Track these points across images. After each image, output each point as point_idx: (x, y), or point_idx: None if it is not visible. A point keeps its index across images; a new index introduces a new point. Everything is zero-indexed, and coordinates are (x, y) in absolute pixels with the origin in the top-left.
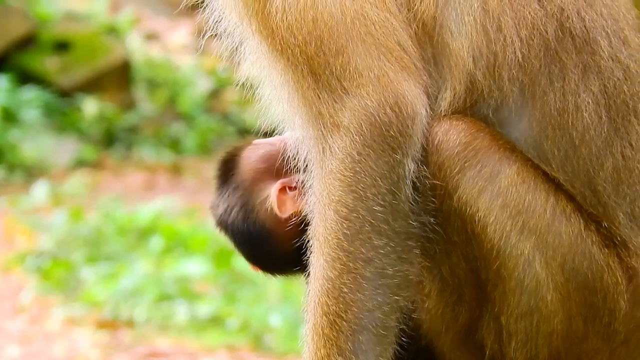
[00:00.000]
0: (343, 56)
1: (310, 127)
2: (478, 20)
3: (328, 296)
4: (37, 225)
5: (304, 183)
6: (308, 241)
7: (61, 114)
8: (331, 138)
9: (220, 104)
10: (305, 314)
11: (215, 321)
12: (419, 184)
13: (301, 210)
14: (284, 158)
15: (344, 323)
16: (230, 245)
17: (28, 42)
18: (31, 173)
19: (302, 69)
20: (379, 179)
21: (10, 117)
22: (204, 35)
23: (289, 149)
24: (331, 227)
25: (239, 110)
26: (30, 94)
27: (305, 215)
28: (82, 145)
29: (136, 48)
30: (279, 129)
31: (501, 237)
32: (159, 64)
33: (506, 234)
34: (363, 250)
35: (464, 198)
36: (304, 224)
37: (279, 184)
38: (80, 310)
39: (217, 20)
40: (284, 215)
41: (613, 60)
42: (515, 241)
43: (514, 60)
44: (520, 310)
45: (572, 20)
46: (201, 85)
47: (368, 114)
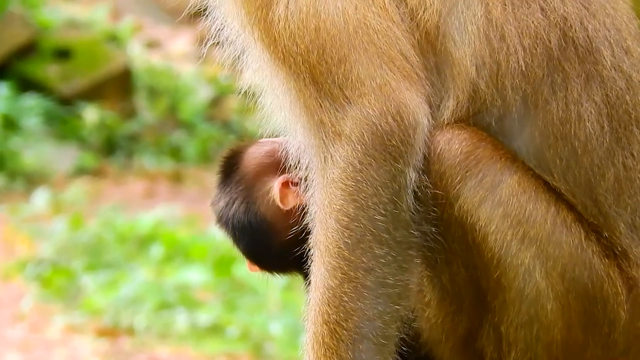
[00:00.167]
0: (345, 65)
1: (312, 136)
2: (481, 29)
3: (329, 305)
4: (38, 233)
5: (306, 179)
6: (308, 248)
7: (62, 122)
8: (333, 147)
9: (221, 112)
10: (305, 323)
11: (215, 329)
12: (420, 194)
13: (302, 204)
14: (287, 156)
15: (345, 332)
16: (230, 251)
17: (29, 50)
18: (32, 181)
19: (304, 78)
20: (380, 188)
21: (11, 125)
22: (206, 43)
23: (290, 150)
24: (332, 236)
25: (240, 118)
26: (31, 102)
27: (306, 210)
28: (83, 153)
29: (137, 56)
30: (281, 134)
31: (502, 247)
32: (160, 72)
33: (507, 243)
34: (364, 259)
35: (465, 207)
36: (304, 219)
37: (282, 177)
38: (81, 318)
39: (220, 29)
40: (286, 207)
41: (615, 70)
42: (516, 251)
43: (517, 70)
44: (520, 320)
45: (575, 30)
46: (202, 94)
47: (370, 123)
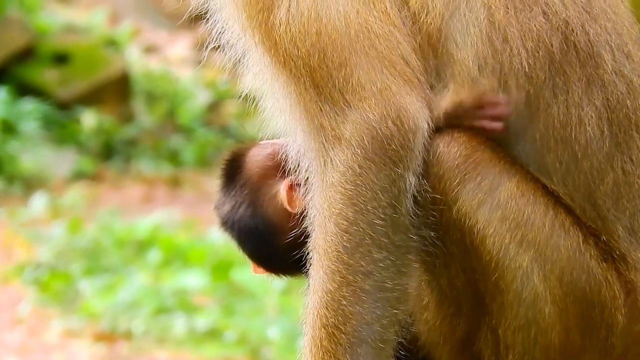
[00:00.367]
0: (346, 69)
1: (312, 140)
2: (484, 31)
3: (327, 308)
4: (36, 237)
5: (306, 182)
6: (308, 253)
7: (60, 126)
8: (332, 151)
9: (219, 116)
10: (303, 326)
11: (213, 334)
12: (419, 198)
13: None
14: (288, 158)
15: (343, 336)
16: (228, 256)
17: (27, 54)
18: (30, 185)
19: (305, 81)
20: (379, 193)
21: (9, 129)
22: (207, 46)
23: (290, 153)
24: (331, 240)
25: (238, 123)
26: (29, 106)
27: (307, 213)
28: (81, 158)
29: (135, 60)
30: (282, 136)
31: (500, 250)
32: (158, 77)
33: (505, 246)
34: (363, 263)
35: (464, 210)
36: (306, 220)
37: (288, 180)
38: (79, 322)
39: (220, 32)
40: (294, 210)
41: (616, 74)
42: (514, 254)
43: (520, 71)
44: (518, 323)
45: (577, 34)
46: (200, 98)
47: (370, 127)
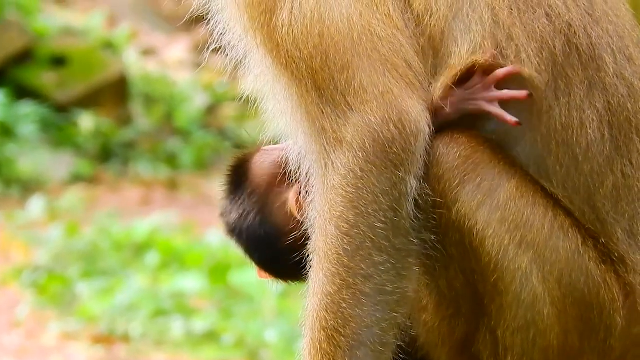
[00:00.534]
0: (348, 71)
1: (313, 142)
2: (487, 30)
3: (327, 311)
4: (33, 240)
5: (308, 188)
6: (309, 255)
7: (58, 129)
8: (334, 154)
9: (217, 119)
10: (303, 328)
11: (211, 336)
12: (420, 201)
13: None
14: (290, 160)
15: (342, 338)
16: (225, 258)
17: (25, 57)
18: (27, 188)
19: (307, 84)
20: (380, 196)
21: (6, 132)
22: (207, 49)
23: (291, 157)
24: (332, 243)
25: (238, 126)
26: (27, 109)
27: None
28: (79, 160)
29: (133, 63)
30: (282, 139)
31: (499, 251)
32: (156, 80)
33: (504, 247)
34: (363, 266)
35: (463, 211)
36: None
37: (297, 188)
38: (76, 325)
39: (222, 33)
40: (303, 218)
41: (618, 77)
42: (513, 255)
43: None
44: (517, 324)
45: (579, 37)
46: (198, 101)
47: (371, 131)
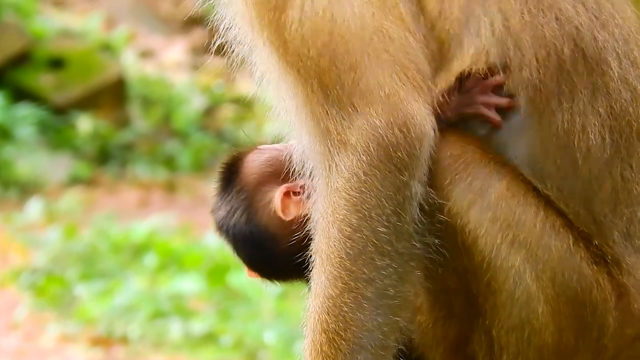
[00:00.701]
0: (356, 72)
1: (317, 143)
2: (497, 35)
3: (328, 314)
4: (32, 242)
5: (308, 188)
6: (310, 255)
7: (56, 131)
8: (338, 156)
9: (215, 121)
10: (304, 330)
11: (210, 338)
12: (425, 206)
13: (304, 215)
14: (289, 163)
15: (343, 342)
16: (224, 260)
17: (23, 59)
18: (26, 190)
19: (313, 83)
20: (384, 200)
21: (4, 134)
22: (208, 49)
23: (294, 156)
24: (334, 246)
25: (234, 127)
26: (25, 111)
27: (308, 220)
28: (77, 163)
29: (131, 65)
30: (284, 139)
31: (492, 250)
32: (154, 82)
33: (496, 246)
34: (365, 270)
35: (454, 210)
36: (306, 228)
37: (284, 187)
38: (75, 326)
39: (227, 28)
40: (288, 218)
41: (622, 81)
42: (506, 254)
43: (530, 80)
44: (511, 323)
45: (586, 41)
46: (196, 103)
47: (376, 134)
